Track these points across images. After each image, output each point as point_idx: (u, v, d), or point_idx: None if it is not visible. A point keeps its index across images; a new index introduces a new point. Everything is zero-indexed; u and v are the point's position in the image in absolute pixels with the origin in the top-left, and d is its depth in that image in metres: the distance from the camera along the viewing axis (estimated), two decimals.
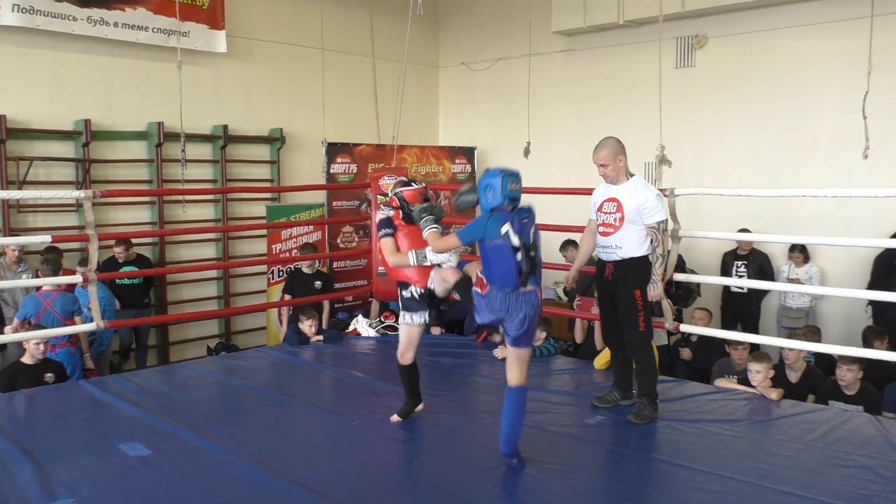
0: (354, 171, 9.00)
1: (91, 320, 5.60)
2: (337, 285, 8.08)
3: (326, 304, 7.39)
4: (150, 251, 8.08)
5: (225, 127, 8.53)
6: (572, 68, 9.63)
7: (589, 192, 4.81)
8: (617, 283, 4.46)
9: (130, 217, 7.97)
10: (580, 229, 4.73)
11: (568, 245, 7.76)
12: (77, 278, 5.70)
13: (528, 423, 3.82)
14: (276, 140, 9.06)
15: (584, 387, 5.20)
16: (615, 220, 4.41)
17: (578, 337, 6.30)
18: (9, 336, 5.69)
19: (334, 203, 8.84)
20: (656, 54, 7.02)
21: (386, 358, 6.23)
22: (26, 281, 6.41)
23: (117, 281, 7.16)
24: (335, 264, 8.62)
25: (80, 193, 5.76)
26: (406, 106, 8.86)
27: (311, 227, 8.58)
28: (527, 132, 8.26)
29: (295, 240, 8.45)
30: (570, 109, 9.62)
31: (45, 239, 5.94)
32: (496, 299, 3.56)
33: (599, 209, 4.53)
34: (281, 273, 8.24)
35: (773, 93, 8.05)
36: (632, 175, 4.48)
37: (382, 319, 6.94)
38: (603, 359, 5.54)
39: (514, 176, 3.57)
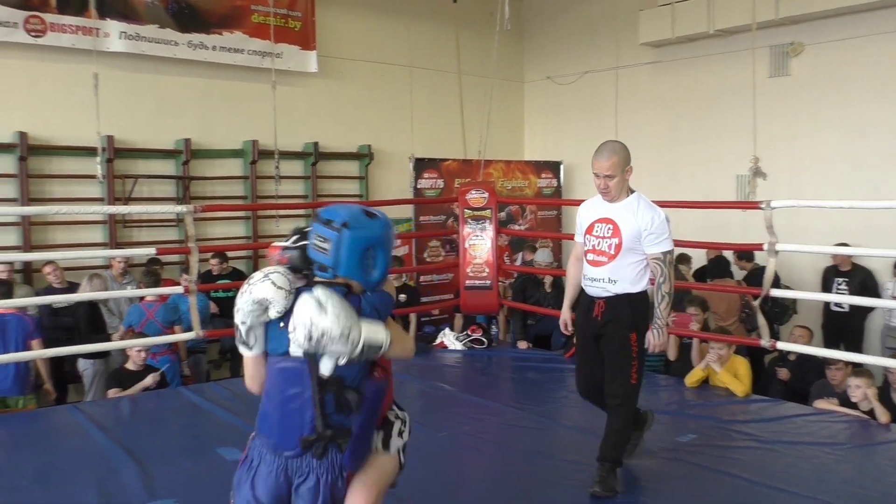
0: (441, 186, 9.10)
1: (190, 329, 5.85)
2: (423, 299, 8.16)
3: (413, 318, 7.47)
4: (244, 265, 8.37)
5: (316, 144, 8.78)
6: (660, 80, 9.48)
7: (683, 205, 4.53)
8: (607, 325, 3.60)
9: (226, 232, 8.28)
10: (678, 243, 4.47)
11: None
12: (179, 289, 5.96)
13: None
14: (364, 156, 9.27)
15: (675, 405, 5.09)
16: (609, 247, 3.56)
17: (671, 353, 6.17)
18: (116, 343, 6.01)
19: (421, 218, 8.96)
20: (749, 64, 6.85)
21: (473, 371, 6.27)
22: (132, 291, 6.74)
23: (212, 293, 7.44)
24: (422, 278, 8.72)
25: (182, 208, 6.04)
26: (492, 121, 8.90)
27: (399, 241, 8.71)
28: None
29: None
30: (658, 122, 9.46)
31: (150, 251, 6.26)
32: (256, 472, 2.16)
33: (589, 231, 3.66)
34: None
35: (873, 101, 7.70)
36: (632, 191, 3.63)
37: (469, 333, 6.97)
38: (695, 376, 5.41)
39: (321, 221, 2.12)
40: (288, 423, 2.10)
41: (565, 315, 3.90)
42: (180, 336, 6.07)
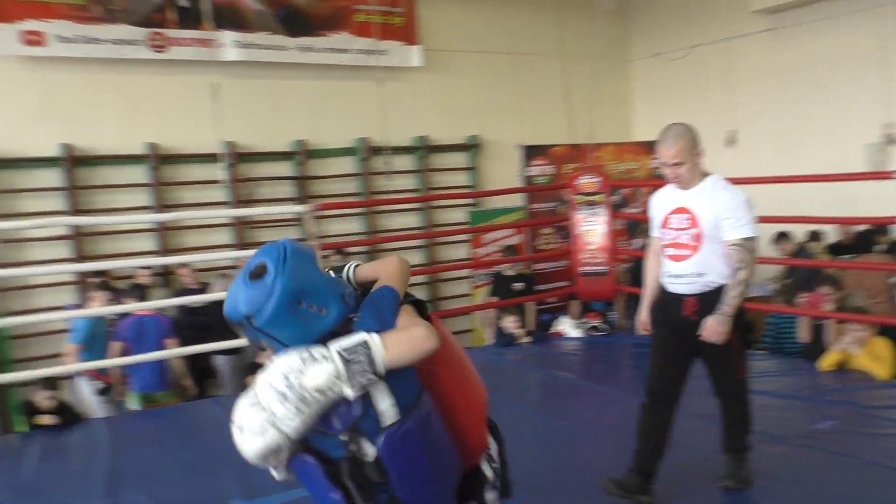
0: (551, 173, 9.02)
1: None
2: (539, 287, 8.13)
3: (531, 306, 7.46)
4: (361, 260, 8.57)
5: (424, 138, 8.90)
6: (777, 48, 9.01)
7: (808, 179, 4.29)
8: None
9: (343, 228, 8.52)
10: (795, 220, 4.23)
11: (781, 238, 7.28)
12: None
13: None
14: (472, 147, 9.31)
15: (809, 390, 4.86)
16: (690, 238, 3.24)
17: (805, 335, 5.88)
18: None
19: (532, 205, 8.91)
20: (877, 23, 6.41)
21: (592, 359, 6.20)
22: None
23: None
24: (536, 266, 8.68)
25: (301, 208, 6.26)
26: (598, 103, 8.78)
27: (513, 231, 8.71)
28: (727, 121, 7.85)
29: (496, 243, 8.62)
30: (776, 93, 9.01)
31: None
32: None
33: (664, 224, 3.37)
34: (485, 276, 8.43)
35: None
36: (706, 174, 3.30)
37: (587, 320, 6.90)
38: (831, 360, 5.15)
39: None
40: None
41: (644, 316, 3.54)
42: None
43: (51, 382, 5.22)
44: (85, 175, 7.34)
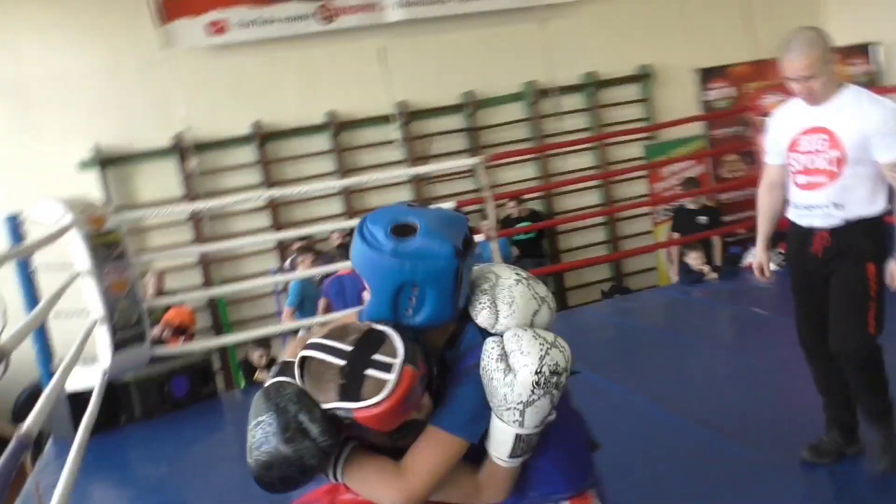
0: (732, 95, 8.46)
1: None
2: (726, 218, 7.73)
3: (717, 240, 7.12)
4: (540, 204, 8.59)
5: (592, 74, 8.65)
6: None
7: None
8: (835, 259, 2.81)
9: (518, 175, 8.53)
10: None
11: None
12: (480, 236, 6.33)
13: None
14: (644, 77, 8.92)
15: None
16: (827, 162, 2.74)
17: None
18: None
19: (713, 132, 8.44)
20: None
21: (786, 291, 5.83)
22: None
23: (514, 236, 7.76)
24: (722, 197, 8.25)
25: (474, 160, 6.36)
26: (782, 9, 8.05)
27: (693, 162, 8.32)
28: None
29: (676, 176, 8.28)
30: None
31: (450, 205, 6.70)
32: None
33: (793, 147, 2.86)
34: (665, 212, 8.15)
35: None
36: (841, 84, 2.77)
37: (780, 251, 6.47)
38: None
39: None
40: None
41: (760, 256, 3.13)
42: None
43: (264, 341, 5.76)
44: (274, 149, 7.90)
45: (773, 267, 3.29)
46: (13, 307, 2.31)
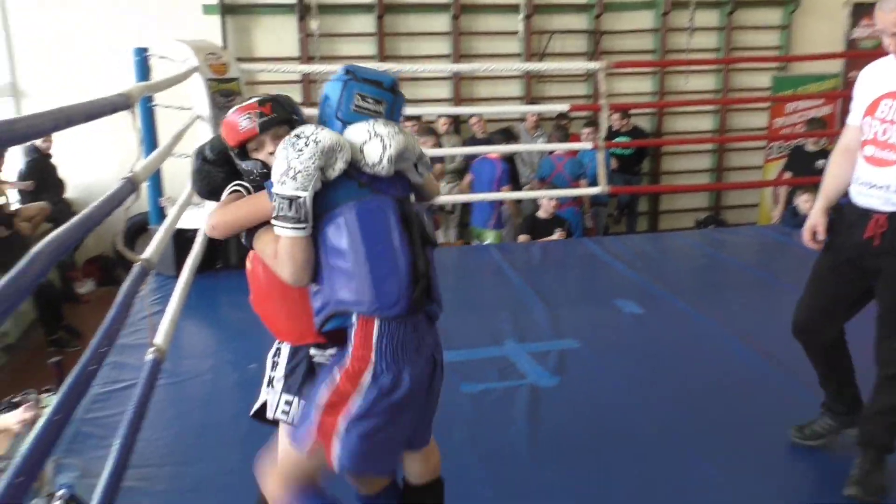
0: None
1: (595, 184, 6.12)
2: None
3: None
4: (648, 120, 8.33)
5: None
6: None
7: None
8: (887, 255, 2.42)
9: (632, 87, 8.26)
10: None
11: None
12: (587, 144, 6.21)
13: None
14: (789, 3, 8.34)
15: None
16: None
17: None
18: (528, 193, 6.58)
19: (851, 73, 7.90)
20: None
21: None
22: (543, 145, 7.21)
23: (610, 150, 7.58)
24: None
25: (595, 65, 6.16)
26: None
27: (822, 101, 7.85)
28: None
29: (800, 114, 7.85)
30: None
31: (563, 108, 6.56)
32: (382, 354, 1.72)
33: (871, 111, 2.46)
34: (781, 149, 7.79)
35: None
36: None
37: None
38: None
39: (369, 83, 1.78)
40: (380, 278, 1.70)
41: (815, 218, 2.65)
42: (586, 190, 6.38)
43: None
44: (392, 22, 7.81)
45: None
46: (131, 142, 2.42)
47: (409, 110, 7.29)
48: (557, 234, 6.07)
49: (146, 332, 2.80)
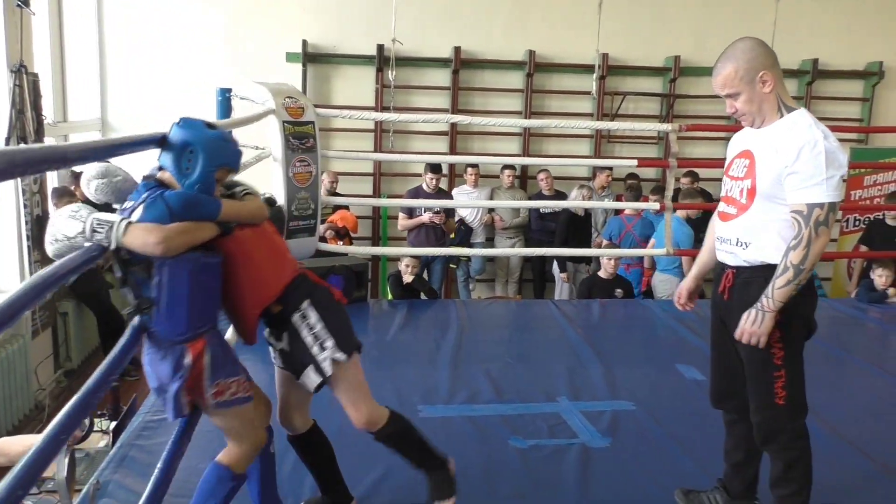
0: None
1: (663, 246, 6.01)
2: None
3: None
4: (713, 186, 8.17)
5: (815, 61, 8.01)
6: None
7: None
8: (734, 310, 2.37)
9: (704, 152, 8.16)
10: None
11: None
12: (655, 205, 6.14)
13: None
14: (872, 75, 8.17)
15: None
16: (741, 192, 2.36)
17: None
18: (592, 251, 6.51)
19: None
20: None
21: None
22: (611, 203, 7.14)
23: (688, 213, 7.45)
24: None
25: (667, 126, 6.12)
26: None
27: (893, 174, 7.62)
28: None
29: (880, 187, 7.62)
30: None
31: (632, 163, 6.50)
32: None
33: (727, 170, 2.47)
34: (858, 222, 7.55)
35: None
36: (789, 108, 2.31)
37: None
38: None
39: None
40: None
41: (683, 283, 2.72)
42: (651, 251, 6.27)
43: (416, 259, 5.92)
44: (467, 77, 7.95)
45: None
46: None
47: (473, 159, 7.37)
48: (618, 295, 5.97)
49: None
